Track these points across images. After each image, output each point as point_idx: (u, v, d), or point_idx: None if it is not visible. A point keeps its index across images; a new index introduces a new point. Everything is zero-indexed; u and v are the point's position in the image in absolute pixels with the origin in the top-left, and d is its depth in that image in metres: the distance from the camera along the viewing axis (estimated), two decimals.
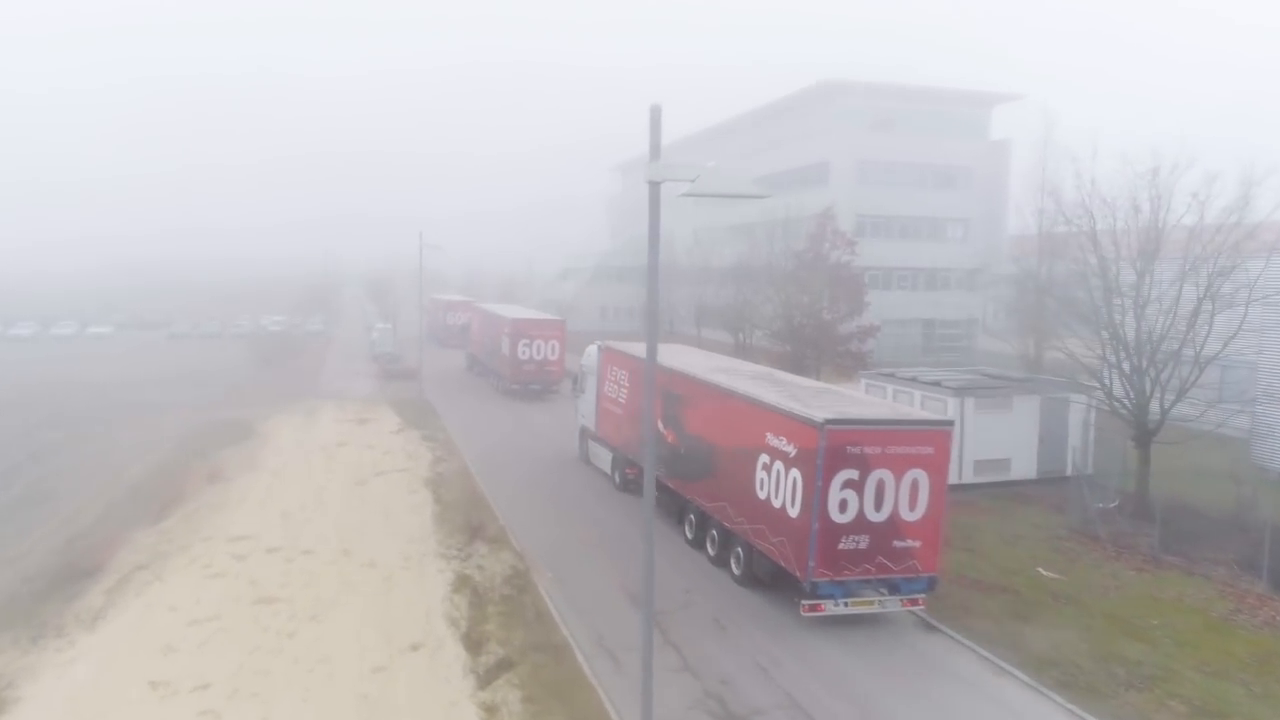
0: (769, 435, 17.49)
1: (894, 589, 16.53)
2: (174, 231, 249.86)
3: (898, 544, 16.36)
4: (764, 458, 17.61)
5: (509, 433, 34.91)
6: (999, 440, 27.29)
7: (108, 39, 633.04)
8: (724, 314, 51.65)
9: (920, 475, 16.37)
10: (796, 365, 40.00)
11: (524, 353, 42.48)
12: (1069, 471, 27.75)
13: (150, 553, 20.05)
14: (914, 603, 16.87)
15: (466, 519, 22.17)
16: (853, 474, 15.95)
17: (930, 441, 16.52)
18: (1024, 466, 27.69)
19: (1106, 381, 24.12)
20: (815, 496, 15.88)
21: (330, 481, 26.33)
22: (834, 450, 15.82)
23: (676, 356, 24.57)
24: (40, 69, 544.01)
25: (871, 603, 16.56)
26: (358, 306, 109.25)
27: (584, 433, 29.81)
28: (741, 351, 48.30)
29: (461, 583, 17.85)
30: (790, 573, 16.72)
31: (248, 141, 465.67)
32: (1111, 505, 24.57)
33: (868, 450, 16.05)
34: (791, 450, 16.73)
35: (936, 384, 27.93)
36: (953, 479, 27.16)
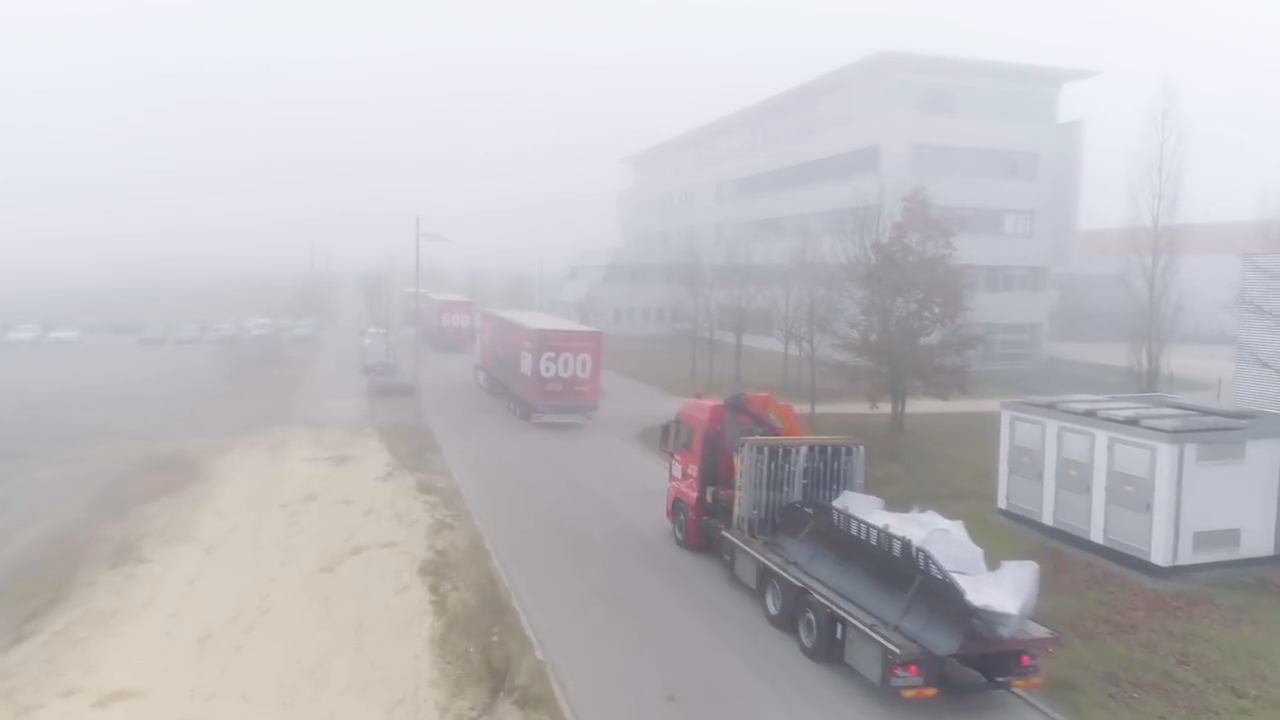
0: (525, 341, 36.34)
1: (577, 410, 35.24)
2: (171, 230, 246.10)
3: (577, 388, 35.15)
4: (523, 353, 36.30)
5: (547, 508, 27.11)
6: (1226, 503, 19.28)
7: (105, 38, 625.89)
8: (775, 319, 43.40)
9: (587, 356, 35.27)
10: (890, 388, 32.09)
11: (446, 322, 65.35)
12: None
13: None
14: (589, 418, 35.49)
15: (484, 649, 14.15)
16: (552, 354, 34.75)
17: (590, 339, 36.31)
18: (1259, 539, 19.68)
19: None
20: (535, 365, 34.65)
21: (285, 567, 18.20)
22: (541, 343, 34.86)
23: (515, 313, 45.89)
24: (37, 67, 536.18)
25: (566, 416, 35.09)
26: (352, 307, 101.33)
27: (476, 367, 47.35)
28: (798, 365, 40.25)
29: None
30: (529, 403, 35.58)
31: (246, 141, 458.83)
32: None
33: (559, 343, 35.14)
34: (529, 345, 35.50)
35: (1133, 423, 19.93)
36: (1164, 560, 19.25)
